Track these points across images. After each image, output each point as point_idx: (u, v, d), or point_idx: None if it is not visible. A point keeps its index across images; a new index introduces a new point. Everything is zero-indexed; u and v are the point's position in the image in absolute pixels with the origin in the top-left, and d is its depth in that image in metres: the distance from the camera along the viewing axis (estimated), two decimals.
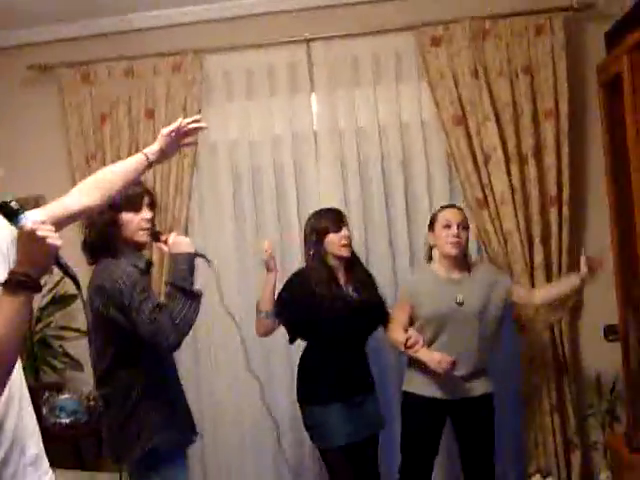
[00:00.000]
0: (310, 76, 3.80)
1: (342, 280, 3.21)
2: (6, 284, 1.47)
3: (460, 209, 3.31)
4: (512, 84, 3.61)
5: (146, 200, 2.58)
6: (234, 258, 3.87)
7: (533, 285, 3.58)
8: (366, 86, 3.77)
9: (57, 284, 3.56)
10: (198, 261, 2.55)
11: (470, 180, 3.61)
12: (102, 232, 2.51)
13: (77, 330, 3.88)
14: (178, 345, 2.41)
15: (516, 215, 3.59)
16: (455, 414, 3.23)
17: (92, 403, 3.53)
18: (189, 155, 3.80)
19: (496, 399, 3.26)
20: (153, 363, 2.51)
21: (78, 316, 3.83)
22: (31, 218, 1.50)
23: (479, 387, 3.20)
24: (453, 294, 3.16)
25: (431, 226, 3.27)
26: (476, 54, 3.60)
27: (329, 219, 3.20)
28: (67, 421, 3.62)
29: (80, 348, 3.85)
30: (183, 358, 3.50)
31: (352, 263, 3.25)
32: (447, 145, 3.65)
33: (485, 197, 3.60)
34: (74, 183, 3.81)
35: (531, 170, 3.59)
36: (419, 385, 3.19)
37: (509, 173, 3.59)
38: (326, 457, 3.20)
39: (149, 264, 2.67)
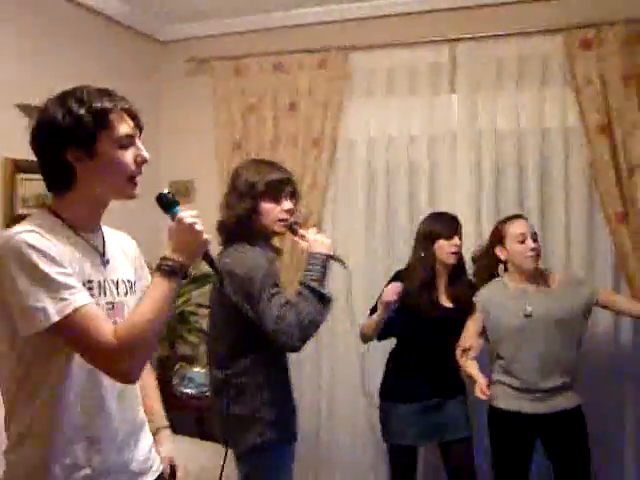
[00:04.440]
0: (452, 77, 3.75)
1: (441, 287, 3.18)
2: (160, 270, 1.54)
3: (525, 218, 3.14)
4: None
5: (288, 190, 2.52)
6: (363, 255, 3.91)
7: None
8: (509, 89, 3.65)
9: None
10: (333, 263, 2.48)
11: (611, 192, 3.39)
12: (240, 218, 2.46)
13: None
14: (300, 346, 2.34)
15: None
16: (544, 431, 3.04)
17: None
18: (328, 150, 3.90)
19: (593, 412, 3.09)
20: (271, 358, 2.48)
21: None
22: (185, 212, 1.61)
23: (566, 401, 3.00)
24: (522, 306, 3.00)
25: (498, 241, 3.11)
26: (629, 59, 3.37)
27: (443, 224, 3.15)
28: (193, 392, 3.87)
29: None
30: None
31: (457, 271, 3.19)
32: (589, 154, 3.47)
33: (626, 212, 3.37)
34: (221, 170, 4.08)
35: None
36: (503, 399, 3.05)
37: None
38: (389, 453, 3.26)
39: (278, 253, 2.65)
